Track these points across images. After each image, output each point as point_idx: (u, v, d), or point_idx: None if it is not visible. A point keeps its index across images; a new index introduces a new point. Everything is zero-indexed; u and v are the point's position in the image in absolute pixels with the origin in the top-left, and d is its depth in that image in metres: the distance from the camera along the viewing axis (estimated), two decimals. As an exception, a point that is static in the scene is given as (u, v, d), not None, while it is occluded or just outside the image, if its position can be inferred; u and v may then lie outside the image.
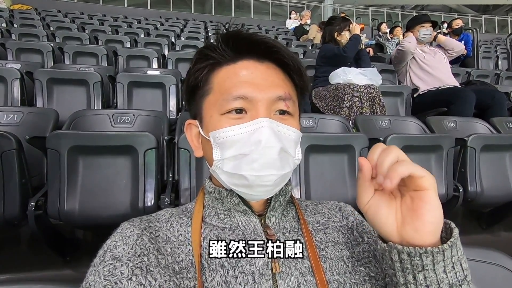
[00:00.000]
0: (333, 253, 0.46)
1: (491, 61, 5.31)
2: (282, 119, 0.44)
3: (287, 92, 0.45)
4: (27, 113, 1.49)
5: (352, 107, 2.04)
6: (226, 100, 0.43)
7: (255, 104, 0.43)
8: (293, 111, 0.46)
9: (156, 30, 5.18)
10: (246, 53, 0.46)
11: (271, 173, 0.42)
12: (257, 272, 0.41)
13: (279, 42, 0.47)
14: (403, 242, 0.37)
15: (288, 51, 0.46)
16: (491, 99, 2.29)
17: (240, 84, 0.43)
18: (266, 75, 0.45)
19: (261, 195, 0.45)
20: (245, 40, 0.45)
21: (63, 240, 1.22)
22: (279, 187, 0.45)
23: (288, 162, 0.44)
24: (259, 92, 0.43)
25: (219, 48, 0.46)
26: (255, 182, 0.42)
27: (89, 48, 3.17)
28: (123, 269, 0.38)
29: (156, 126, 1.61)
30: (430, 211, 0.36)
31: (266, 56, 0.46)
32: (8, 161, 1.05)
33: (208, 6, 10.88)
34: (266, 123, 0.41)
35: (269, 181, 0.42)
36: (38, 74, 1.95)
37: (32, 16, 5.30)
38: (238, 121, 0.43)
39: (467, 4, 12.99)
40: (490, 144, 1.54)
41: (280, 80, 0.46)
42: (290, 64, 0.46)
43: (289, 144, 0.44)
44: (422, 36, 2.56)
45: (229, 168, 0.43)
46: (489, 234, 1.65)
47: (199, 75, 0.47)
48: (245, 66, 0.45)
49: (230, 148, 0.42)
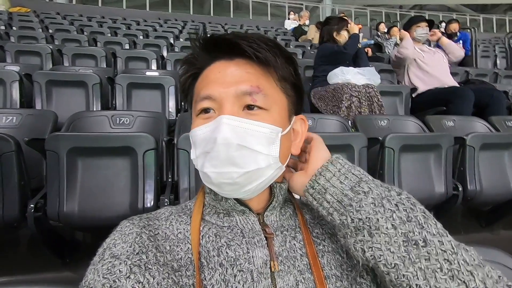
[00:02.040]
0: (330, 245, 0.46)
1: (490, 60, 5.32)
2: (250, 114, 0.43)
3: (254, 86, 0.43)
4: (26, 115, 1.49)
5: (350, 107, 2.04)
6: (197, 102, 0.45)
7: (220, 102, 0.43)
8: (266, 105, 0.44)
9: (155, 32, 5.18)
10: (216, 54, 0.46)
11: (230, 170, 0.41)
12: (255, 270, 0.41)
13: (247, 36, 0.44)
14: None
15: (254, 44, 0.43)
16: (490, 98, 2.29)
17: (208, 84, 0.45)
18: (235, 72, 0.44)
19: (231, 193, 0.44)
20: (211, 42, 0.46)
21: (63, 242, 1.22)
22: (250, 186, 0.43)
23: (255, 160, 0.42)
24: (223, 90, 0.43)
25: (197, 54, 0.48)
26: (217, 180, 0.42)
27: (88, 50, 3.17)
28: (122, 267, 0.38)
29: (155, 127, 1.61)
30: (315, 152, 0.48)
31: (234, 53, 0.45)
32: (7, 163, 1.05)
33: (206, 7, 10.90)
34: (225, 120, 0.41)
35: (230, 179, 0.41)
36: (37, 76, 1.95)
37: (31, 18, 5.30)
38: (207, 121, 0.44)
39: (465, 3, 13.03)
40: (489, 143, 1.54)
41: (250, 75, 0.44)
42: (253, 57, 0.43)
43: (255, 141, 0.42)
44: (419, 36, 2.58)
45: (199, 166, 0.44)
46: (488, 232, 1.65)
47: (185, 84, 0.50)
48: (216, 67, 0.46)
49: (199, 146, 0.44)
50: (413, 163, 1.44)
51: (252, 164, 0.41)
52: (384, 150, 1.39)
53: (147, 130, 1.54)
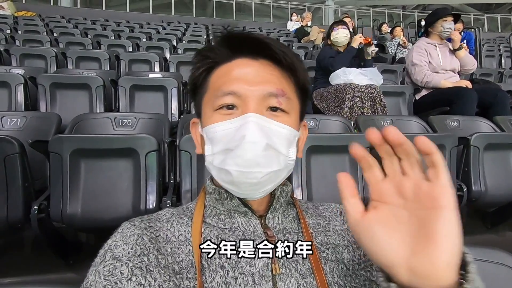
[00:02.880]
0: (334, 255, 0.45)
1: (494, 59, 5.27)
2: (274, 115, 0.43)
3: (279, 89, 0.44)
4: (30, 118, 1.51)
5: (353, 108, 2.03)
6: (218, 97, 0.44)
7: (245, 99, 0.43)
8: (288, 109, 0.45)
9: (158, 34, 5.22)
10: (240, 51, 0.46)
11: (256, 170, 0.40)
12: (257, 273, 0.40)
13: (273, 39, 0.46)
14: (411, 277, 0.28)
15: (282, 48, 0.45)
16: (494, 98, 2.26)
17: (231, 81, 0.44)
18: (259, 71, 0.44)
19: (249, 194, 0.44)
20: (238, 39, 0.46)
21: (66, 243, 1.23)
22: (269, 186, 0.44)
23: (278, 160, 0.42)
24: (249, 88, 0.43)
25: (216, 48, 0.47)
26: (239, 178, 0.41)
27: (91, 53, 3.20)
28: (123, 269, 0.38)
29: (158, 128, 1.62)
30: (449, 236, 0.27)
31: (259, 53, 0.45)
32: (11, 165, 1.06)
33: (209, 9, 10.95)
34: (253, 118, 0.41)
35: (254, 178, 0.41)
36: (41, 79, 1.98)
37: (36, 22, 5.37)
38: (228, 117, 0.43)
39: (469, 3, 12.94)
40: (494, 143, 1.52)
41: (274, 77, 0.45)
42: (282, 60, 0.45)
43: (279, 142, 0.42)
44: (446, 31, 2.40)
45: (217, 163, 0.43)
46: (493, 233, 1.63)
47: (198, 75, 0.48)
48: (239, 64, 0.45)
49: (219, 143, 0.42)
50: (417, 164, 1.42)
51: (275, 164, 0.42)
52: (387, 151, 1.38)
53: (150, 131, 1.55)
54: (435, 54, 2.43)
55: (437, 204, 0.28)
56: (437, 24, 2.44)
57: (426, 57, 2.42)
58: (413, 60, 2.44)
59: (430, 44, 2.46)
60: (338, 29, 2.47)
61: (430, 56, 2.43)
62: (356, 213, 0.32)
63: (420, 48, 2.45)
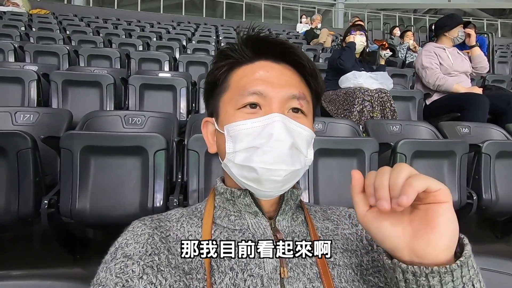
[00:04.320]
0: (342, 260, 0.45)
1: (507, 65, 5.17)
2: (295, 116, 0.45)
3: (301, 92, 0.46)
4: (42, 114, 1.54)
5: (362, 111, 2.02)
6: (242, 95, 0.45)
7: (269, 100, 0.44)
8: (306, 111, 0.47)
9: (168, 34, 5.27)
10: (264, 53, 0.47)
11: (281, 168, 0.42)
12: (266, 276, 0.40)
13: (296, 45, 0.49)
14: (413, 258, 0.34)
15: (304, 54, 0.48)
16: (507, 105, 2.22)
17: (255, 81, 0.45)
18: (281, 74, 0.46)
19: (270, 192, 0.45)
20: (263, 41, 0.47)
21: (74, 239, 1.25)
22: (288, 185, 0.45)
23: (300, 159, 0.44)
24: (273, 89, 0.44)
25: (239, 48, 0.48)
26: (264, 176, 0.42)
27: (103, 51, 3.25)
28: (135, 267, 0.38)
29: (166, 127, 1.63)
30: (446, 223, 0.33)
31: (283, 57, 0.47)
32: (23, 159, 1.08)
33: (219, 10, 11.01)
34: (279, 118, 0.42)
35: (279, 176, 0.42)
36: (54, 76, 2.01)
37: (50, 20, 5.46)
38: (252, 116, 0.44)
39: (482, 8, 12.73)
40: (506, 151, 1.49)
41: (295, 81, 0.47)
42: (306, 66, 0.47)
43: (301, 142, 0.44)
44: (460, 37, 2.42)
45: (240, 160, 0.43)
46: (504, 243, 1.60)
47: (218, 73, 0.49)
48: (262, 65, 0.47)
49: (243, 141, 0.43)
50: (426, 170, 1.40)
51: (297, 163, 0.43)
52: (395, 156, 1.36)
53: (158, 130, 1.56)
54: (445, 56, 2.40)
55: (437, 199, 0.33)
56: (455, 29, 2.41)
57: (437, 59, 2.39)
58: (424, 64, 2.41)
59: (439, 47, 2.43)
60: (356, 35, 2.46)
61: (440, 58, 2.40)
62: (363, 206, 0.37)
63: (429, 52, 2.42)
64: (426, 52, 2.43)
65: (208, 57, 3.28)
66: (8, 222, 1.06)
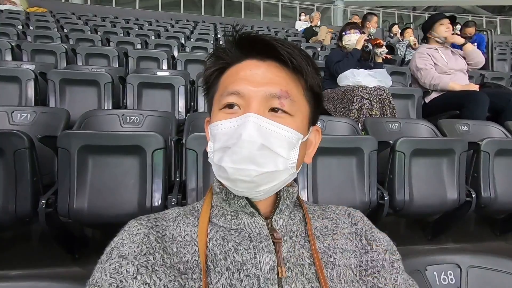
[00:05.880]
0: (341, 260, 0.45)
1: (507, 63, 5.17)
2: (276, 116, 0.43)
3: (283, 90, 0.44)
4: (40, 113, 1.53)
5: (361, 109, 2.01)
6: (222, 96, 0.45)
7: (248, 100, 0.43)
8: (292, 111, 0.44)
9: (167, 32, 5.24)
10: (249, 52, 0.46)
11: (249, 168, 0.41)
12: (262, 276, 0.40)
13: (282, 40, 0.46)
14: None
15: (289, 49, 0.44)
16: (506, 103, 2.21)
17: (237, 81, 0.45)
18: (266, 73, 0.45)
19: (245, 192, 0.44)
20: (247, 40, 0.46)
21: (72, 238, 1.24)
22: (265, 187, 0.43)
23: (274, 161, 0.42)
24: (252, 89, 0.44)
25: (227, 49, 0.48)
26: (233, 175, 0.42)
27: (101, 49, 3.23)
28: (129, 267, 0.38)
29: (165, 126, 1.62)
30: None
31: (267, 54, 0.45)
32: (20, 159, 1.07)
33: (218, 8, 10.97)
34: (252, 118, 0.41)
35: (247, 176, 0.41)
36: (51, 74, 2.00)
37: (47, 18, 5.44)
38: (231, 116, 0.44)
39: (481, 5, 12.71)
40: (505, 149, 1.49)
41: (280, 78, 0.45)
42: (288, 63, 0.44)
43: (278, 143, 0.42)
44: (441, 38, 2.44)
45: (216, 159, 0.44)
46: (503, 241, 1.60)
47: (210, 76, 0.50)
48: (247, 65, 0.46)
49: (220, 140, 0.44)
50: (425, 168, 1.40)
51: (271, 165, 0.42)
52: (394, 154, 1.36)
53: (157, 129, 1.55)
54: (438, 56, 2.42)
55: None
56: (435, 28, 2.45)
57: (430, 60, 2.42)
58: (418, 66, 2.44)
59: (431, 48, 2.46)
60: (351, 34, 2.45)
61: (434, 59, 2.42)
62: None
63: (422, 53, 2.45)
64: (419, 54, 2.47)
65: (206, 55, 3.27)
66: (6, 222, 1.06)
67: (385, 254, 0.46)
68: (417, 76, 2.48)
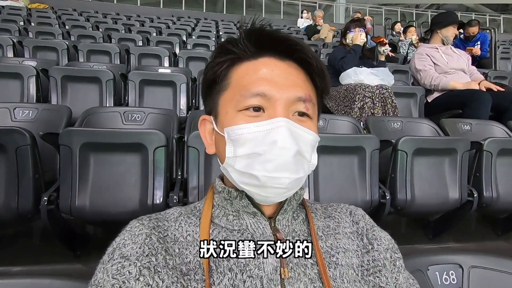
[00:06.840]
0: (344, 259, 0.44)
1: (510, 62, 5.13)
2: (301, 121, 0.43)
3: (307, 94, 0.43)
4: (41, 110, 1.53)
5: (363, 108, 2.00)
6: (244, 97, 0.42)
7: (273, 103, 0.41)
8: (312, 114, 0.44)
9: (168, 29, 5.23)
10: (268, 49, 0.44)
11: (285, 176, 0.40)
12: (265, 276, 0.40)
13: (303, 41, 0.45)
14: None
15: (311, 51, 0.44)
16: (509, 102, 2.20)
17: (259, 81, 0.42)
18: (287, 73, 0.43)
19: (273, 198, 0.43)
20: (268, 37, 0.44)
21: (74, 235, 1.25)
22: (292, 191, 0.43)
23: (303, 167, 0.42)
24: (278, 91, 0.41)
25: (241, 43, 0.44)
26: (267, 184, 0.40)
27: (102, 46, 3.22)
28: (131, 268, 0.38)
29: (166, 124, 1.62)
30: None
31: (288, 54, 0.44)
32: (22, 156, 1.07)
33: (219, 5, 10.92)
34: (284, 123, 0.40)
35: (282, 184, 0.40)
36: (53, 71, 2.00)
37: (49, 14, 5.43)
38: (255, 119, 0.41)
39: (485, 3, 12.60)
40: (508, 148, 1.48)
41: (301, 81, 0.44)
42: (313, 64, 0.43)
43: (306, 148, 0.42)
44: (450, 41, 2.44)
45: (241, 166, 0.41)
46: (504, 241, 1.60)
47: (218, 69, 0.45)
48: (265, 63, 0.43)
49: (244, 145, 0.41)
50: (427, 168, 1.40)
51: (301, 170, 0.41)
52: (396, 153, 1.36)
53: (158, 127, 1.55)
54: (438, 56, 2.39)
55: None
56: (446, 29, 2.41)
57: (429, 61, 2.40)
58: (417, 67, 2.43)
59: (431, 48, 2.43)
60: (356, 32, 2.43)
61: (433, 59, 2.40)
62: None
63: (421, 54, 2.43)
64: (418, 55, 2.45)
65: (208, 53, 3.26)
66: (8, 219, 1.06)
67: (387, 253, 0.46)
68: (417, 78, 2.47)
